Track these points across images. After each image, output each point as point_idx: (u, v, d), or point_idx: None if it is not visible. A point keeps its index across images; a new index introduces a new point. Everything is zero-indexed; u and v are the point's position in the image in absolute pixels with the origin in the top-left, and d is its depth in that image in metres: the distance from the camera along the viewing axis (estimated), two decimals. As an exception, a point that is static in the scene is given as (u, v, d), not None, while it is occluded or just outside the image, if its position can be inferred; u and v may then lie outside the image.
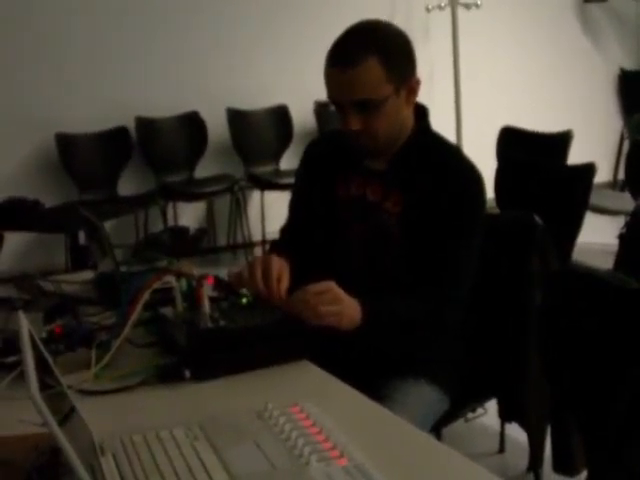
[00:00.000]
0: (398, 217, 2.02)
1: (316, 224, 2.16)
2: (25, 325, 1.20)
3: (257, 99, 6.30)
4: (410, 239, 2.00)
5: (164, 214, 6.13)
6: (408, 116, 2.04)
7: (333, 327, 1.76)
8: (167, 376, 1.66)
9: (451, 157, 2.06)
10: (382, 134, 1.97)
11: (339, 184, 2.12)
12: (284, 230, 2.27)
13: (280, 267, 1.85)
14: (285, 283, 1.84)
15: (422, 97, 2.05)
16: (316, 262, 2.10)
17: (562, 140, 4.78)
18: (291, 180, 2.37)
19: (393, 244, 2.03)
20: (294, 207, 2.26)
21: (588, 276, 1.79)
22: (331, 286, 1.77)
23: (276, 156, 6.44)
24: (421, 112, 2.09)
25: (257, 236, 6.38)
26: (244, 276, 1.86)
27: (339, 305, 1.76)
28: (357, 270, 2.06)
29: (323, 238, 2.14)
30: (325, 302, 1.74)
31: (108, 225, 5.36)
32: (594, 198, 3.61)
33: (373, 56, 1.89)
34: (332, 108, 1.99)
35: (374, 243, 2.06)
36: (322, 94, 2.01)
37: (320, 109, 6.31)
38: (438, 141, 2.09)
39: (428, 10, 6.94)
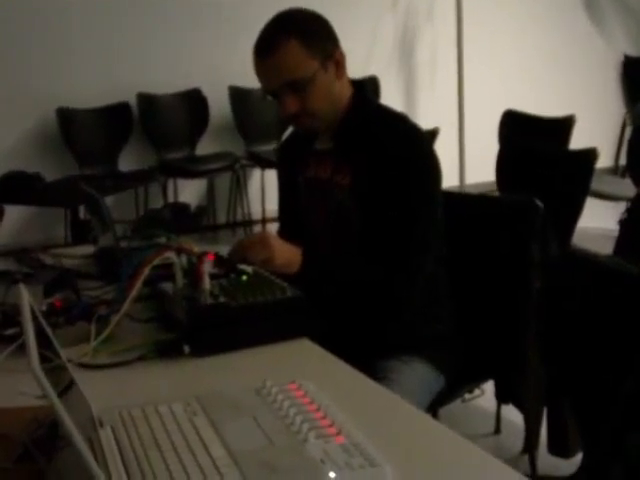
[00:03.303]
0: (349, 189, 2.05)
1: (294, 217, 2.25)
2: (26, 297, 1.20)
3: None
4: (362, 209, 2.02)
5: (164, 191, 6.14)
6: (342, 90, 2.07)
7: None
8: (166, 351, 1.66)
9: (393, 123, 2.07)
10: (320, 110, 2.01)
11: (299, 172, 2.19)
12: (279, 232, 2.35)
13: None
14: None
15: (425, 80, 2.07)
16: None
17: (564, 125, 4.77)
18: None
19: (349, 217, 2.06)
20: (280, 206, 2.35)
21: (588, 261, 1.79)
22: (263, 235, 1.96)
23: (278, 135, 6.42)
24: (359, 87, 2.13)
25: (257, 214, 6.38)
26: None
27: (268, 251, 1.87)
28: (323, 249, 2.10)
29: (300, 229, 2.21)
30: (255, 249, 1.88)
31: (108, 201, 5.34)
32: (595, 183, 3.61)
33: (289, 37, 1.95)
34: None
35: (333, 220, 2.11)
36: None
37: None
38: (380, 110, 2.12)
39: (433, -9, 6.92)
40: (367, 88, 2.17)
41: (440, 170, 2.04)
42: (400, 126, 2.06)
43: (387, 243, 1.97)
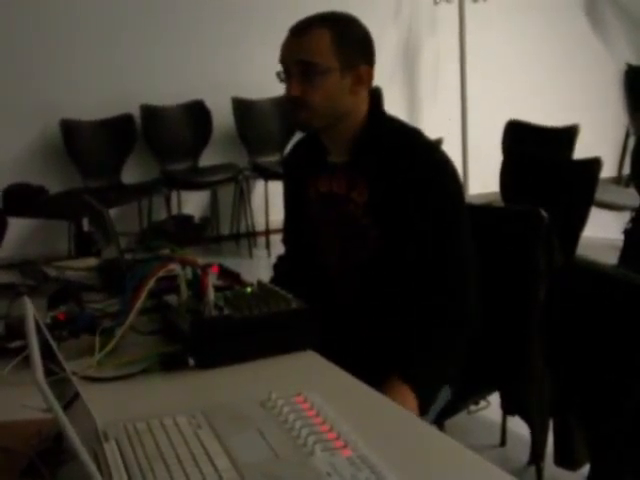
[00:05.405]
0: (365, 206, 2.03)
1: (300, 228, 2.23)
2: (30, 310, 1.20)
3: (262, 89, 6.28)
4: (380, 225, 2.00)
5: (168, 203, 6.14)
6: (355, 104, 2.04)
7: None
8: (171, 364, 1.65)
9: (409, 141, 2.04)
10: (317, 107, 1.98)
11: (310, 185, 2.16)
12: (284, 240, 2.37)
13: None
14: None
15: (428, 91, 2.07)
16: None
17: (568, 135, 4.77)
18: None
19: (363, 235, 2.04)
20: (285, 215, 2.33)
21: (592, 271, 1.78)
22: None
23: (281, 146, 6.43)
24: (374, 100, 2.09)
25: (261, 226, 6.38)
26: None
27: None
28: (334, 266, 2.10)
29: (306, 240, 2.20)
30: None
31: (112, 213, 5.32)
32: (599, 193, 3.60)
33: (325, 29, 1.97)
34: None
35: (346, 236, 2.08)
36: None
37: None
38: (395, 126, 2.09)
39: (435, 3, 6.93)
40: (381, 99, 2.15)
41: (462, 185, 2.04)
42: (419, 145, 2.03)
43: (446, 283, 1.98)
